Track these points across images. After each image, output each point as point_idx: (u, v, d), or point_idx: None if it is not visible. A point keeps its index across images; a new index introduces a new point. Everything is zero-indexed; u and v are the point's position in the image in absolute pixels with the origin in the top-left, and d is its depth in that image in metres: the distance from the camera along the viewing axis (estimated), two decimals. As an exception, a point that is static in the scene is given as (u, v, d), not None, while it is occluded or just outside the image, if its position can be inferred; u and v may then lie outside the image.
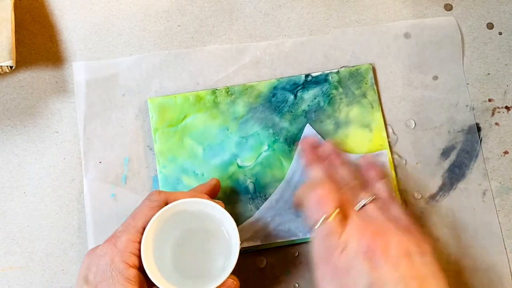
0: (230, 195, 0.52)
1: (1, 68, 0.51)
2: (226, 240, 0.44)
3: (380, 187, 0.47)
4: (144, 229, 0.42)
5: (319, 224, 0.43)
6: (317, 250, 0.43)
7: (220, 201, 0.46)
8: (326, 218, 0.43)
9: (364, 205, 0.44)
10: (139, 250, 0.42)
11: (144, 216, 0.43)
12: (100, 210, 0.52)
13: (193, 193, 0.46)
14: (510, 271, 0.52)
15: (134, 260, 0.42)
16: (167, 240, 0.45)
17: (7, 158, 0.53)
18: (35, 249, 0.52)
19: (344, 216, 0.43)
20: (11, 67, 0.51)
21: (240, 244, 0.43)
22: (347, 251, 0.41)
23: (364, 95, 0.54)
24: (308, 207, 0.45)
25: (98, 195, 0.52)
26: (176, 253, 0.45)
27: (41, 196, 0.52)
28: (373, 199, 0.45)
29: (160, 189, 0.51)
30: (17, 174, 0.53)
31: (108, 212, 0.52)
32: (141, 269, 0.42)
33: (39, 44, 0.55)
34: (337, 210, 0.43)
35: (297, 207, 0.49)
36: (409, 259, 0.41)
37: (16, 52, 0.53)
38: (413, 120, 0.55)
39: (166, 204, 0.44)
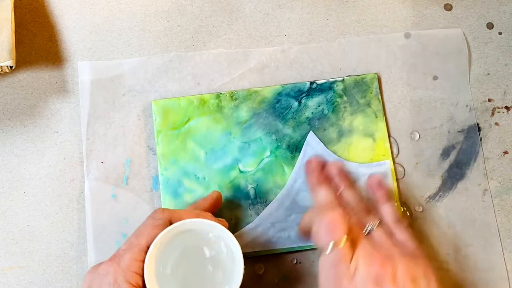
0: (231, 200, 0.52)
1: (1, 68, 0.51)
2: (229, 260, 0.44)
3: (388, 210, 0.47)
4: (147, 247, 0.42)
5: (328, 250, 0.42)
6: (324, 276, 0.43)
7: (224, 220, 0.46)
8: (335, 245, 0.42)
9: (371, 230, 0.45)
10: (142, 269, 0.42)
11: (148, 235, 0.43)
12: (101, 210, 0.52)
13: (197, 211, 0.46)
14: (507, 271, 0.52)
15: (137, 280, 0.41)
16: (169, 258, 0.44)
17: (7, 158, 0.53)
18: (35, 249, 0.52)
19: (352, 241, 0.43)
20: (11, 67, 0.51)
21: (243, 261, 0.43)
22: (357, 277, 0.41)
23: (368, 104, 0.54)
24: (317, 233, 0.44)
25: (99, 195, 0.52)
26: (178, 272, 0.45)
27: (41, 196, 0.52)
28: (380, 223, 0.46)
29: (161, 191, 0.52)
30: (17, 174, 0.53)
31: (108, 213, 0.52)
32: None
33: (39, 44, 0.55)
34: (346, 237, 0.43)
35: (303, 231, 0.48)
36: (415, 285, 0.41)
37: (16, 52, 0.53)
38: (417, 132, 0.54)
39: (170, 222, 0.43)
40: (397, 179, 0.53)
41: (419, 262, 0.43)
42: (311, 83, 0.54)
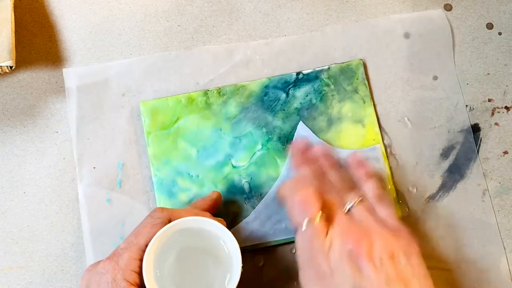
0: (226, 196, 0.52)
1: (1, 68, 0.51)
2: (227, 258, 0.44)
3: (369, 187, 0.46)
4: (146, 246, 0.42)
5: (303, 227, 0.42)
6: (301, 253, 0.43)
7: (222, 219, 0.46)
8: (310, 221, 0.42)
9: (351, 207, 0.44)
10: (141, 268, 0.42)
11: (147, 234, 0.43)
12: (96, 215, 0.52)
13: (196, 210, 0.46)
14: (509, 271, 0.52)
15: (136, 278, 0.41)
16: (168, 257, 0.44)
17: (7, 158, 0.53)
18: (35, 249, 0.52)
19: (328, 218, 0.42)
20: (11, 67, 0.51)
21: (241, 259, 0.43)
22: (331, 254, 0.41)
23: (355, 91, 0.54)
24: (291, 209, 0.44)
25: (94, 200, 0.52)
26: (177, 270, 0.44)
27: (41, 196, 0.53)
28: (361, 200, 0.44)
29: (156, 192, 0.52)
30: (17, 174, 0.53)
31: (104, 217, 0.52)
32: (142, 287, 0.42)
33: (39, 44, 0.55)
34: (320, 213, 0.42)
35: (280, 200, 0.47)
36: (394, 261, 0.40)
37: (16, 52, 0.53)
38: (407, 118, 0.55)
39: (169, 221, 0.43)
40: (389, 162, 0.53)
41: (400, 238, 0.42)
42: (298, 73, 0.54)
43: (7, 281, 0.51)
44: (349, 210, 0.44)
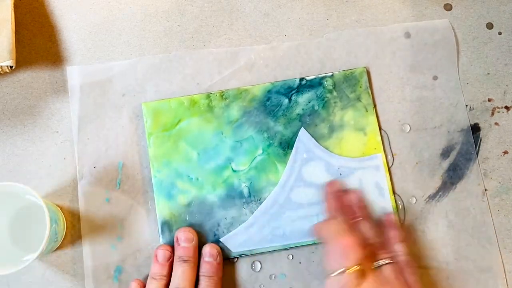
0: (225, 200, 0.52)
1: (1, 68, 0.51)
2: (39, 212, 0.45)
3: (400, 250, 0.48)
4: None
5: (336, 273, 0.43)
6: None
7: None
8: (344, 270, 0.43)
9: (382, 265, 0.46)
10: None
11: None
12: (95, 214, 0.52)
13: None
14: (505, 271, 0.52)
15: None
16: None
17: (7, 158, 0.53)
18: (35, 249, 0.52)
19: (361, 272, 0.44)
20: (11, 67, 0.51)
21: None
22: None
23: (358, 99, 0.54)
24: (330, 254, 0.45)
25: (93, 199, 0.52)
26: (14, 232, 0.48)
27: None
28: (392, 262, 0.46)
29: (155, 194, 0.52)
30: (17, 174, 0.53)
31: (103, 217, 0.52)
32: None
33: (39, 44, 0.55)
34: (357, 266, 0.43)
35: (317, 236, 0.50)
36: None
37: (16, 52, 0.53)
38: (408, 124, 0.55)
39: None
40: (390, 172, 0.53)
41: None
42: (301, 79, 0.54)
43: (7, 281, 0.51)
44: (379, 266, 0.46)
